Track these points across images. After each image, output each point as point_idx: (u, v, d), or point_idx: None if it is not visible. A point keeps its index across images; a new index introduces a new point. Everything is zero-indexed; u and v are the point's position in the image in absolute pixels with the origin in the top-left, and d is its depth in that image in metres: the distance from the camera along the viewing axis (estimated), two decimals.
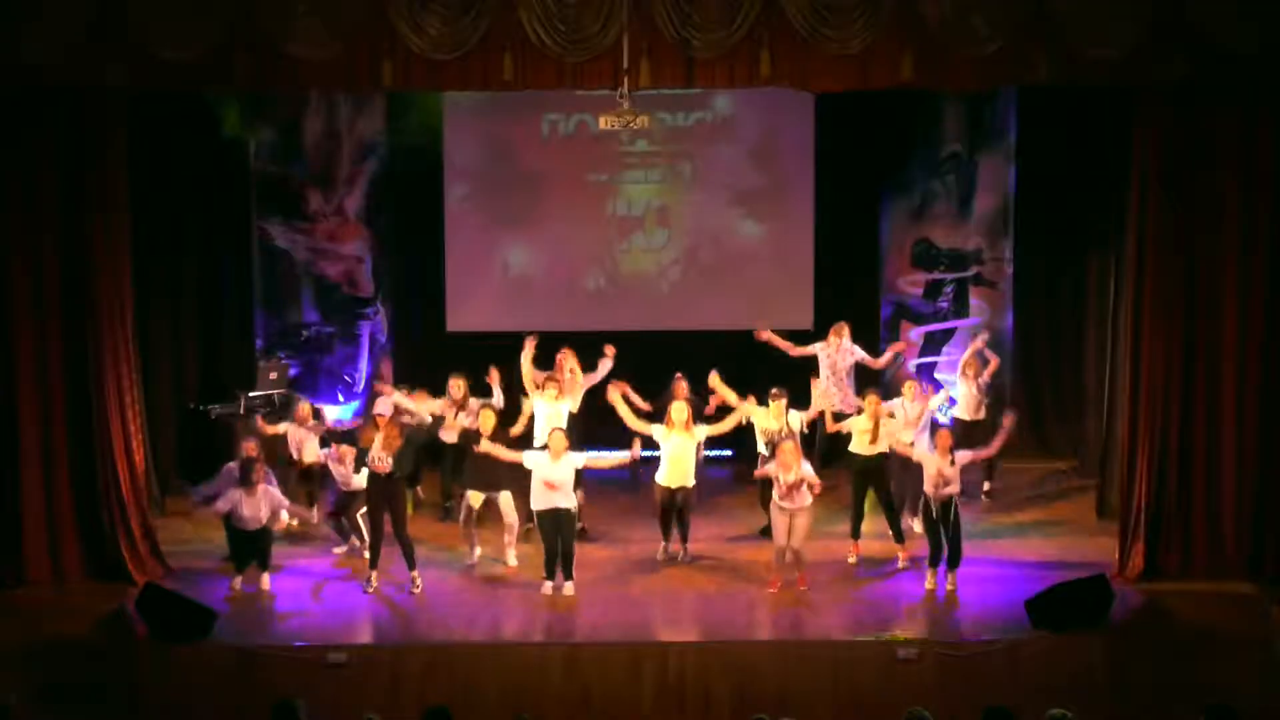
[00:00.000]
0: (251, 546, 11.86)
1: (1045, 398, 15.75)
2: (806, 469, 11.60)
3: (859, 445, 12.38)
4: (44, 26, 11.04)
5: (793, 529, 11.62)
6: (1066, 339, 15.35)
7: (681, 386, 13.21)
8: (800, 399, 13.16)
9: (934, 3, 11.03)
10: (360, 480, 12.08)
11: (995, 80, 12.36)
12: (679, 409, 12.21)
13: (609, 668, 10.67)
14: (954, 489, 11.62)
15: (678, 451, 12.17)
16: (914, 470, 12.15)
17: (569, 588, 11.74)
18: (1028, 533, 13.24)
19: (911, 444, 12.24)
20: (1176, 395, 11.86)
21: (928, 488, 11.65)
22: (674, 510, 12.32)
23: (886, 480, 12.46)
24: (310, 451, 13.19)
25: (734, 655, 10.77)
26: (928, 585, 11.76)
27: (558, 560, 11.73)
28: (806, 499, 11.61)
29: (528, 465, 11.69)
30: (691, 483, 12.27)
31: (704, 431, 12.38)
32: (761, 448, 12.54)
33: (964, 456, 11.71)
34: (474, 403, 12.94)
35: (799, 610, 11.44)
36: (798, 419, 12.63)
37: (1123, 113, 11.99)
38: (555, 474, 11.60)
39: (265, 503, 11.77)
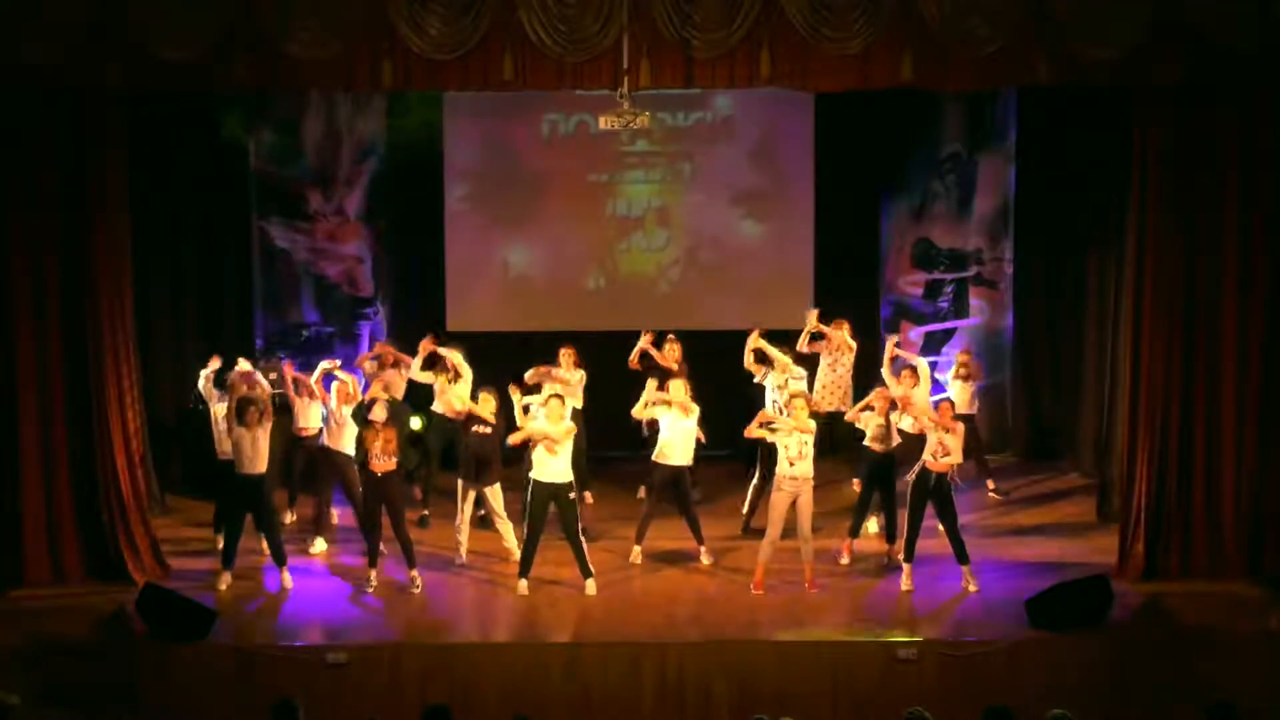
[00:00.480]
0: (245, 506, 11.82)
1: (1045, 398, 15.75)
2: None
3: (873, 440, 12.36)
4: (44, 26, 11.04)
5: (798, 510, 11.61)
6: (1066, 339, 15.35)
7: (674, 348, 13.26)
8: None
9: (934, 3, 11.03)
10: (348, 440, 12.30)
11: (995, 80, 12.36)
12: (676, 388, 12.28)
13: (609, 668, 10.67)
14: (955, 459, 11.62)
15: (674, 429, 12.26)
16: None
17: (590, 586, 11.74)
18: (1028, 533, 13.24)
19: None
20: (1176, 395, 11.86)
21: (926, 455, 11.64)
22: (668, 492, 12.38)
23: (894, 481, 12.46)
24: (314, 421, 13.26)
25: (734, 655, 10.77)
26: (905, 586, 11.74)
27: (535, 553, 11.73)
28: (809, 468, 11.61)
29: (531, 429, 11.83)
30: (688, 462, 12.37)
31: (695, 410, 12.45)
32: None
33: (958, 426, 11.79)
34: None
35: (799, 610, 11.44)
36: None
37: (1123, 113, 11.99)
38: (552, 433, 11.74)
39: (262, 443, 11.77)
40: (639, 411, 12.43)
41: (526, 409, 12.13)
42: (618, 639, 10.95)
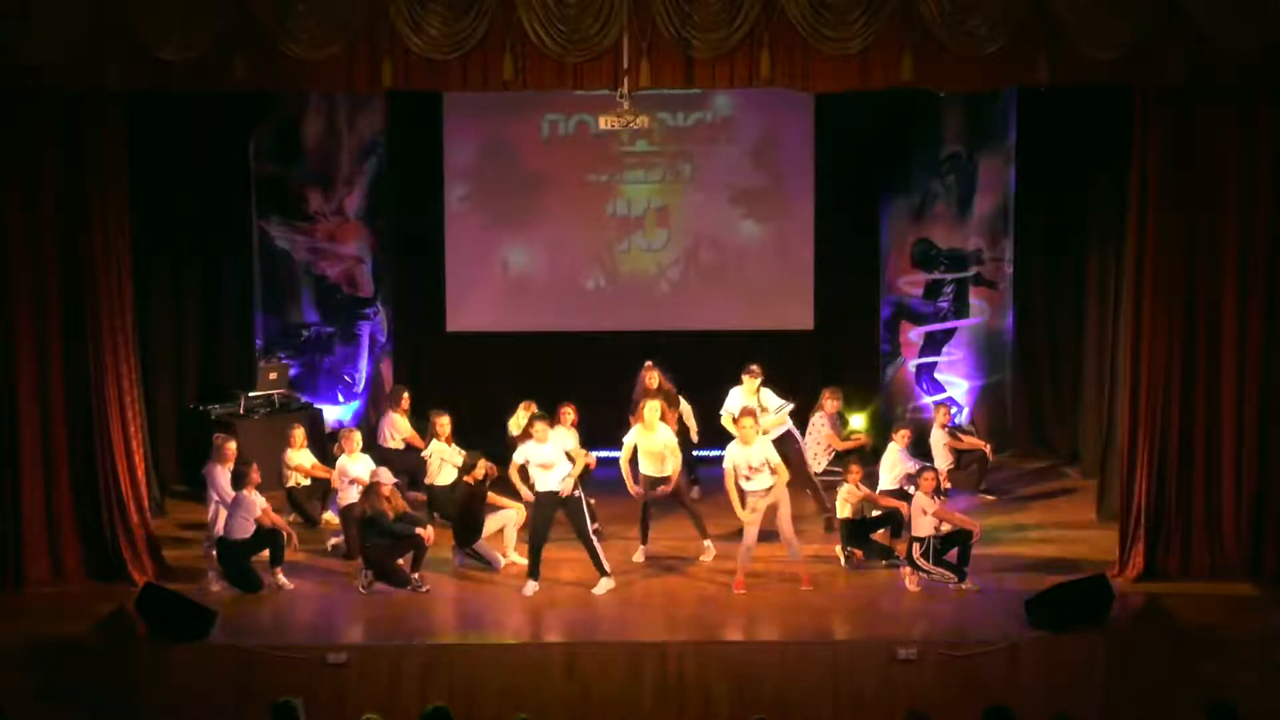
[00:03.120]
0: (253, 553, 11.86)
1: (1045, 398, 15.75)
2: (770, 451, 11.67)
3: (851, 511, 12.40)
4: (44, 27, 11.04)
5: (777, 516, 11.65)
6: (1066, 339, 15.35)
7: (651, 375, 13.29)
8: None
9: (934, 3, 11.04)
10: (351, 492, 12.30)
11: (995, 80, 12.35)
12: (652, 409, 12.29)
13: (609, 668, 10.67)
14: (945, 527, 11.75)
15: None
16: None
17: (604, 585, 11.74)
18: (1028, 533, 13.23)
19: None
20: (1176, 395, 11.86)
21: (929, 531, 11.66)
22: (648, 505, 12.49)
23: (872, 532, 12.48)
24: (295, 478, 13.35)
25: (734, 655, 10.77)
26: (910, 587, 11.75)
27: (541, 555, 11.73)
28: (770, 480, 11.65)
29: (519, 460, 11.80)
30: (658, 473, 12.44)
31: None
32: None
33: (940, 508, 11.84)
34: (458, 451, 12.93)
35: (799, 610, 11.43)
36: (771, 399, 12.91)
37: (1123, 113, 11.99)
38: (543, 454, 11.69)
39: (257, 507, 11.79)
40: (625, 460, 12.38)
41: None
42: (618, 639, 10.95)
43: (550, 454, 11.70)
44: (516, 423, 12.26)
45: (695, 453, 14.09)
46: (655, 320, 15.76)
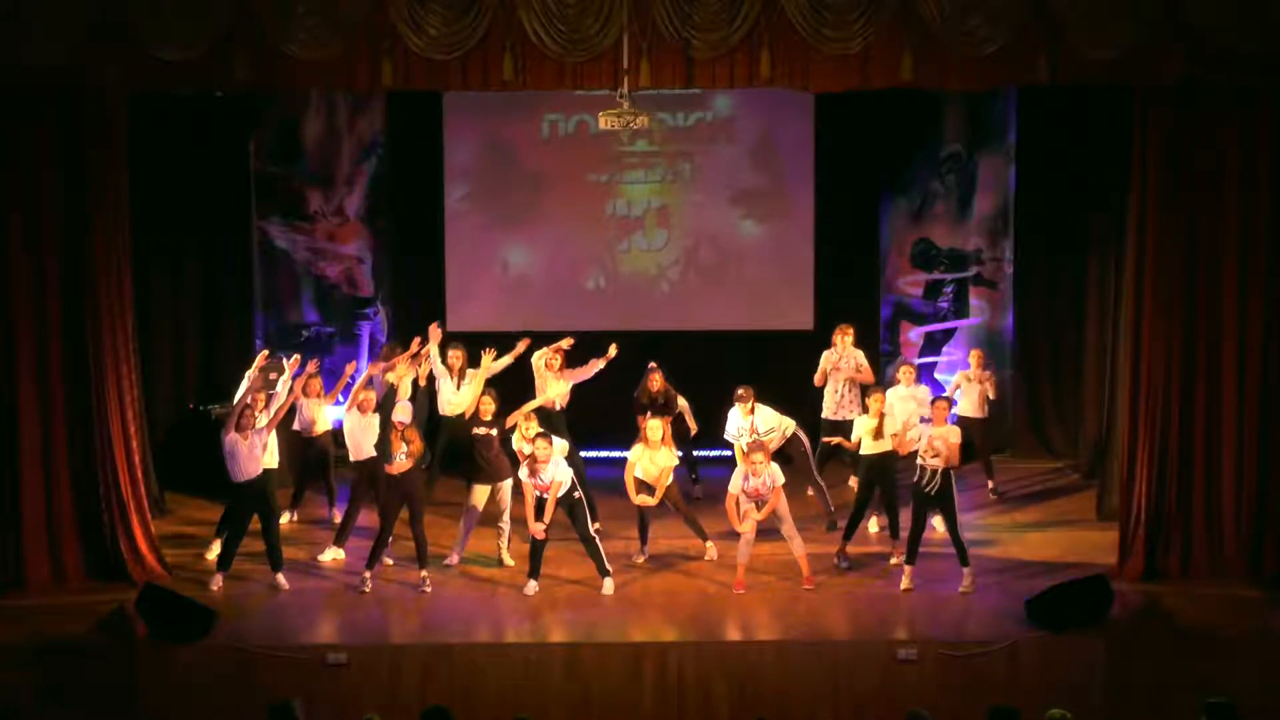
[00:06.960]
0: (247, 510, 11.81)
1: (1045, 398, 15.75)
2: (776, 473, 11.65)
3: (866, 445, 12.32)
4: (44, 27, 11.05)
5: (775, 513, 11.65)
6: (1066, 339, 15.35)
7: (654, 378, 13.29)
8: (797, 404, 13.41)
9: (934, 3, 11.04)
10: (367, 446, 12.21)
11: (995, 80, 12.35)
12: (654, 429, 12.21)
13: (609, 668, 10.67)
14: (941, 462, 11.53)
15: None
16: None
17: (608, 585, 11.72)
18: (1028, 533, 13.23)
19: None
20: (1176, 395, 11.86)
21: (920, 450, 11.57)
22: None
23: (893, 476, 12.41)
24: (323, 422, 13.30)
25: (734, 655, 10.77)
26: (904, 585, 11.70)
27: (542, 555, 11.73)
28: (777, 479, 11.64)
29: (533, 492, 11.65)
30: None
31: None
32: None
33: (954, 434, 11.67)
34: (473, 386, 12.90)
35: (799, 610, 11.43)
36: (765, 421, 12.76)
37: (1123, 113, 11.99)
38: (545, 477, 11.65)
39: (258, 449, 11.75)
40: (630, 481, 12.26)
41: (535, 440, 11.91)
42: (618, 639, 10.96)
43: (549, 475, 11.62)
44: (520, 436, 12.24)
45: (695, 452, 14.12)
46: (655, 320, 15.77)
